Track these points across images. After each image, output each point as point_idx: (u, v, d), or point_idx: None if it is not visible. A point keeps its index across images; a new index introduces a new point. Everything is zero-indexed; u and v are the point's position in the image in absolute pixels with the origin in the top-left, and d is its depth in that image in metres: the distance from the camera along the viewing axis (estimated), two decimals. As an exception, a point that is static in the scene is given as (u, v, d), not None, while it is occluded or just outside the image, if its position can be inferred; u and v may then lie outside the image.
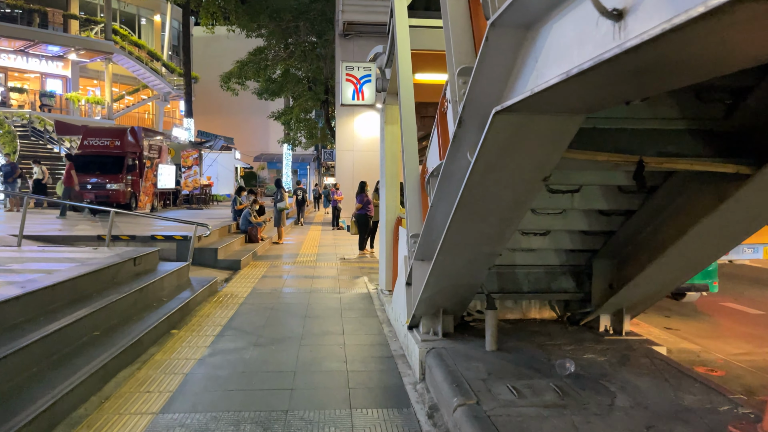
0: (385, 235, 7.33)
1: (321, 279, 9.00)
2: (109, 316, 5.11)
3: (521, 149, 2.65)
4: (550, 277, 4.88)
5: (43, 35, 26.83)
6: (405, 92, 5.56)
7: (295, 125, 31.06)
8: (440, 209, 3.83)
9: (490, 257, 3.69)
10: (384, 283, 7.34)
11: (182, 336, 5.47)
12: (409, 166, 5.18)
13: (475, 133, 3.06)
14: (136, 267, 6.83)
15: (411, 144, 5.31)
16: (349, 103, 7.21)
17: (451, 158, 3.35)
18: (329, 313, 6.60)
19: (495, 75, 2.68)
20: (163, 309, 5.93)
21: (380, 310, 6.81)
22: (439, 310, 4.49)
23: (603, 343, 4.42)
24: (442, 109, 4.28)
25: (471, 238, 3.48)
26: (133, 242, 9.58)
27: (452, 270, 3.86)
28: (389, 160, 7.27)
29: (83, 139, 16.94)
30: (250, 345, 5.22)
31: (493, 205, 3.11)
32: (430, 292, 4.15)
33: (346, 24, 19.83)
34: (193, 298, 6.77)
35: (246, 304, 7.01)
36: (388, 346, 5.25)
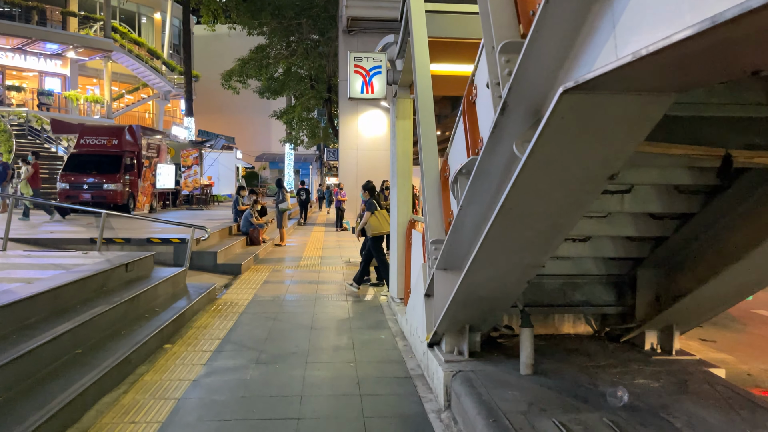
0: (396, 239, 6.80)
1: (326, 284, 8.47)
2: (94, 331, 4.59)
3: (589, 139, 2.12)
4: (588, 288, 4.35)
5: (40, 32, 26.35)
6: (422, 82, 5.03)
7: (297, 124, 30.57)
8: (471, 212, 3.31)
9: (531, 269, 3.16)
10: (395, 291, 6.81)
11: (176, 352, 4.94)
12: (427, 164, 4.65)
13: (522, 121, 2.54)
14: (128, 273, 6.31)
15: (429, 139, 4.78)
16: (357, 97, 6.66)
17: (488, 153, 2.83)
18: (337, 324, 6.07)
19: (554, 47, 2.16)
20: (155, 321, 5.41)
21: (392, 321, 6.28)
22: (465, 327, 3.96)
23: (652, 364, 3.88)
24: (470, 98, 3.75)
25: (512, 247, 2.95)
26: (127, 245, 9.06)
27: (486, 283, 3.33)
28: (401, 158, 6.74)
29: (79, 138, 16.44)
30: (251, 363, 4.69)
31: (543, 209, 2.58)
32: (457, 307, 3.62)
33: (350, 20, 19.32)
34: (190, 307, 6.24)
35: (247, 314, 6.48)
36: (404, 364, 4.72)
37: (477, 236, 3.45)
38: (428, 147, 4.71)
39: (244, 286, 8.24)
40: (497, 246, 2.90)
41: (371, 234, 7.89)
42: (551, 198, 2.50)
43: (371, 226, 7.88)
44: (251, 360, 4.77)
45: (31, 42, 26.67)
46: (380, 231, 7.93)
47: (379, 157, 20.09)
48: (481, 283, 3.33)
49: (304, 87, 29.37)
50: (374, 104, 20.14)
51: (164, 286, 6.56)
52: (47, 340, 3.93)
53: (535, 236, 2.81)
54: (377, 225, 7.90)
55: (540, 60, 2.24)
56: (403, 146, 6.75)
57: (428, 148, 4.71)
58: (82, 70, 30.09)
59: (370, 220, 7.90)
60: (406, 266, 6.65)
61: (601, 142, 2.12)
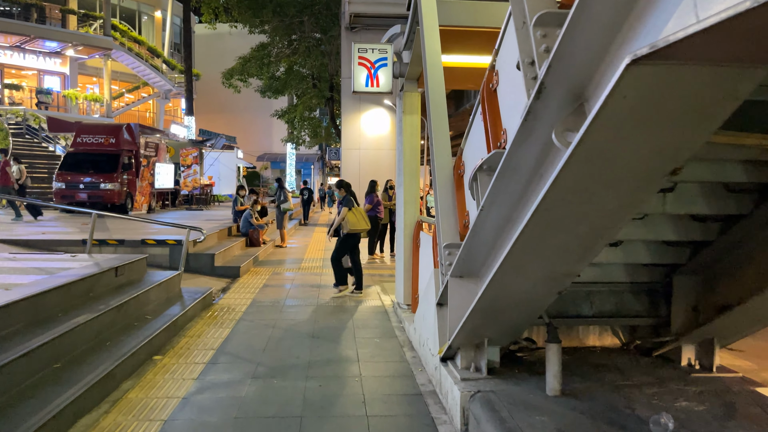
0: (403, 242, 6.40)
1: (329, 289, 8.08)
2: (76, 343, 4.21)
3: (656, 123, 1.73)
4: (617, 297, 3.95)
5: (39, 30, 26.02)
6: (433, 72, 4.64)
7: (299, 124, 30.23)
8: (495, 214, 2.91)
9: (565, 279, 2.77)
10: (402, 297, 6.42)
11: (166, 364, 4.56)
12: (439, 161, 4.26)
13: (562, 105, 2.14)
14: (117, 278, 5.93)
15: (441, 134, 4.39)
16: (362, 91, 6.28)
17: (518, 145, 2.43)
18: (340, 333, 5.68)
19: (607, 13, 1.77)
20: (145, 330, 5.02)
21: (399, 329, 5.89)
22: (484, 341, 3.57)
23: (693, 383, 3.48)
24: (490, 86, 3.36)
25: (545, 254, 2.56)
26: (121, 247, 8.69)
27: (512, 294, 2.94)
28: (408, 155, 6.35)
29: (76, 137, 16.09)
30: (247, 377, 4.30)
31: (586, 210, 2.19)
32: (476, 319, 3.23)
33: (353, 16, 18.96)
34: (184, 313, 5.86)
35: (244, 321, 6.10)
36: (413, 379, 4.33)
37: (501, 241, 3.06)
38: (440, 142, 4.32)
39: (243, 290, 7.85)
40: (528, 253, 2.51)
41: (348, 230, 7.48)
42: (598, 197, 2.11)
43: (349, 222, 7.47)
44: (247, 374, 4.38)
45: (29, 40, 26.34)
46: (358, 228, 7.54)
47: (383, 156, 19.71)
48: (506, 294, 2.94)
49: (305, 86, 29.01)
50: (377, 102, 19.77)
51: (157, 291, 6.17)
52: (21, 354, 3.55)
53: (573, 242, 2.41)
54: (355, 221, 7.50)
55: (588, 30, 1.85)
56: (410, 143, 6.35)
57: (440, 144, 4.32)
58: (81, 69, 29.77)
59: (347, 216, 7.49)
60: (414, 270, 6.26)
61: (670, 128, 1.73)
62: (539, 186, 2.60)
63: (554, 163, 2.39)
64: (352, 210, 7.54)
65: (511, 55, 2.96)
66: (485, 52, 5.74)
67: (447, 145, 4.33)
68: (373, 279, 9.05)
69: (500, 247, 3.08)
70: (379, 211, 11.24)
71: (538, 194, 2.58)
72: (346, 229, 7.50)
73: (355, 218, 7.53)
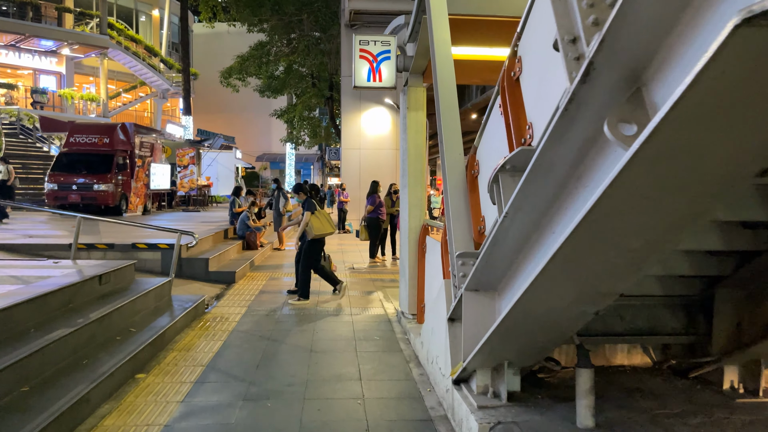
0: (407, 247, 6.00)
1: (328, 295, 7.68)
2: (49, 362, 3.80)
3: (758, 109, 1.32)
4: (650, 312, 3.55)
5: (34, 29, 25.61)
6: (442, 62, 4.24)
7: (298, 123, 29.84)
8: (520, 221, 2.51)
9: (605, 298, 2.37)
10: (406, 306, 6.01)
11: (149, 384, 4.15)
12: (450, 161, 3.86)
13: (614, 90, 1.74)
14: (102, 286, 5.53)
15: (452, 130, 3.99)
16: (363, 86, 5.88)
17: (556, 139, 2.03)
18: (340, 346, 5.27)
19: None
20: (129, 344, 4.61)
21: (403, 341, 5.48)
22: (504, 362, 3.16)
23: (740, 410, 3.08)
24: (511, 75, 2.95)
25: (587, 271, 2.16)
26: (110, 252, 8.28)
27: (541, 314, 2.54)
28: (413, 155, 5.95)
29: (69, 136, 15.68)
30: (238, 399, 3.90)
31: (646, 221, 1.78)
32: (498, 340, 2.82)
33: (353, 13, 18.57)
34: (172, 325, 5.45)
35: (238, 332, 5.69)
36: (421, 401, 3.92)
37: (527, 251, 2.66)
38: (451, 140, 3.92)
39: (238, 297, 7.45)
40: (566, 269, 2.11)
41: (313, 236, 7.04)
42: (663, 206, 1.70)
43: (313, 227, 7.02)
44: (238, 395, 3.97)
45: (24, 38, 25.94)
46: (323, 232, 7.11)
47: (383, 156, 19.32)
48: (535, 314, 2.53)
49: (305, 85, 28.63)
50: (378, 101, 19.37)
51: (144, 300, 5.77)
52: (-19, 378, 3.15)
53: (621, 258, 2.01)
54: (319, 226, 7.06)
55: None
56: (416, 141, 5.95)
57: (451, 142, 3.91)
58: (78, 68, 29.37)
59: (311, 221, 7.04)
60: (419, 278, 5.85)
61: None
62: (577, 189, 2.20)
63: (598, 161, 1.99)
64: (315, 214, 7.10)
65: (540, 37, 2.56)
66: (498, 43, 5.34)
67: (458, 143, 3.93)
68: (376, 285, 8.64)
69: (527, 259, 2.68)
70: (381, 212, 10.85)
71: (575, 198, 2.18)
72: (311, 235, 7.07)
73: (320, 222, 7.09)
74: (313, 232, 7.04)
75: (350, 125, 19.54)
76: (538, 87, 2.62)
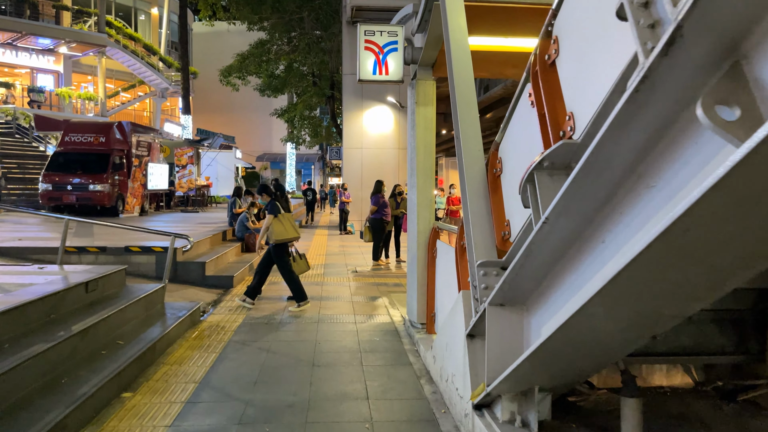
0: (416, 251, 5.61)
1: (331, 301, 7.30)
2: (23, 382, 3.42)
3: None
4: (696, 328, 3.16)
5: (30, 26, 25.26)
6: (458, 51, 3.86)
7: (298, 123, 29.52)
8: (562, 228, 2.13)
9: (670, 321, 1.99)
10: (415, 314, 5.63)
11: (136, 404, 3.77)
12: (468, 158, 3.48)
13: (706, 66, 1.36)
14: (89, 294, 5.15)
15: (470, 125, 3.60)
16: (368, 79, 5.50)
17: (616, 129, 1.65)
18: (345, 359, 4.89)
19: None
20: (115, 359, 4.23)
21: (412, 353, 5.10)
22: (534, 387, 2.78)
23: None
24: (545, 59, 2.57)
25: (658, 291, 1.77)
26: (102, 255, 7.91)
27: (589, 338, 2.16)
28: (422, 152, 5.56)
29: (64, 135, 15.31)
30: (233, 422, 3.52)
31: (742, 231, 1.40)
32: (531, 366, 2.44)
33: (355, 9, 18.18)
34: (164, 335, 5.07)
35: (234, 343, 5.31)
36: (436, 425, 3.54)
37: (566, 263, 2.28)
38: (469, 136, 3.54)
39: (235, 303, 7.06)
40: (631, 288, 1.72)
41: (275, 240, 6.63)
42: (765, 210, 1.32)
43: (275, 232, 6.61)
44: (233, 418, 3.59)
45: (21, 37, 25.58)
46: (285, 237, 6.70)
47: (386, 155, 18.95)
48: (582, 338, 2.15)
49: (306, 84, 28.28)
50: (380, 99, 18.98)
51: (135, 308, 5.39)
52: (-60, 405, 2.77)
53: (703, 276, 1.63)
54: (282, 231, 6.65)
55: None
56: (424, 138, 5.57)
57: (469, 138, 3.53)
58: (76, 67, 29.00)
59: (273, 225, 6.63)
60: (429, 284, 5.48)
61: None
62: (636, 190, 1.82)
63: (676, 154, 1.61)
64: (278, 217, 6.70)
65: (584, 11, 2.18)
66: (516, 32, 4.96)
67: (477, 140, 3.54)
68: (380, 289, 8.26)
69: (566, 273, 2.30)
70: (385, 213, 10.47)
71: (635, 201, 1.80)
72: (272, 239, 6.66)
73: (282, 227, 6.68)
74: (274, 237, 6.64)
75: (352, 124, 19.16)
76: (581, 70, 2.24)
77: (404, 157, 18.84)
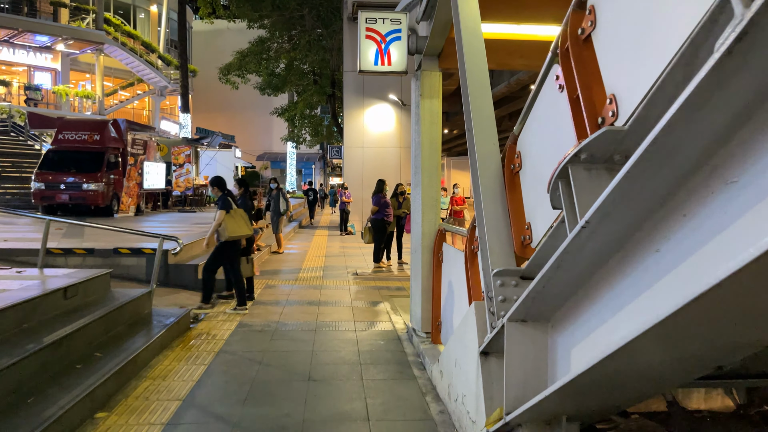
0: (420, 255, 5.23)
1: (330, 306, 6.92)
2: (-20, 403, 3.05)
3: None
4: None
5: (27, 23, 24.88)
6: (469, 36, 3.48)
7: (299, 122, 29.15)
8: (606, 233, 1.75)
9: (746, 349, 1.61)
10: (419, 322, 5.25)
11: (110, 427, 3.39)
12: (482, 152, 3.10)
13: None
14: (67, 301, 4.78)
15: (484, 116, 3.22)
16: (370, 70, 5.13)
17: (692, 111, 1.26)
18: (344, 372, 4.50)
19: None
20: (90, 374, 3.85)
21: (416, 365, 4.71)
22: (561, 417, 2.39)
23: None
24: (578, 34, 2.18)
25: (742, 314, 1.39)
26: (90, 257, 7.54)
27: (641, 369, 1.78)
28: (427, 149, 5.18)
29: (58, 133, 14.95)
30: (218, 449, 3.14)
31: None
32: (560, 396, 2.05)
33: (356, 5, 17.80)
34: (148, 346, 4.69)
35: (225, 354, 4.93)
36: (445, 451, 3.16)
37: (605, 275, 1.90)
38: (483, 128, 3.15)
39: (230, 308, 6.67)
40: (714, 315, 1.34)
41: (227, 237, 6.24)
42: None
43: (227, 228, 6.22)
44: (218, 443, 3.21)
45: (18, 34, 25.21)
46: (238, 234, 6.32)
47: (388, 154, 18.59)
48: (632, 368, 1.77)
49: (306, 82, 27.91)
50: (382, 97, 18.61)
51: (118, 315, 5.01)
52: None
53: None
54: (234, 227, 6.27)
55: None
56: (430, 133, 5.19)
57: (483, 130, 3.15)
58: (74, 65, 28.64)
59: (225, 221, 6.23)
60: (434, 291, 5.10)
61: None
62: (709, 187, 1.43)
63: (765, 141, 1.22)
64: (231, 213, 6.31)
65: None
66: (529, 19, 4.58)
67: (492, 132, 3.16)
68: (381, 293, 7.88)
69: (605, 287, 1.92)
70: (387, 213, 10.09)
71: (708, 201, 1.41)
72: (224, 236, 6.27)
73: (235, 223, 6.30)
74: (226, 234, 6.23)
75: (353, 122, 18.79)
76: (625, 43, 1.85)
77: (406, 156, 18.46)
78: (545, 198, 2.50)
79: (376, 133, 18.64)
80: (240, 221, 6.41)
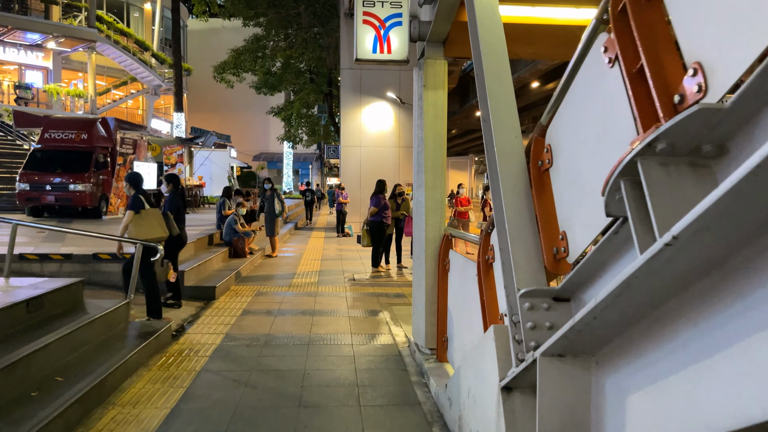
0: (424, 263, 4.73)
1: (325, 317, 6.42)
2: None
3: None
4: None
5: (17, 21, 24.30)
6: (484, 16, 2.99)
7: (295, 121, 28.68)
8: (695, 253, 1.25)
9: None
10: (422, 338, 4.75)
11: (64, 470, 2.88)
12: (503, 146, 2.60)
13: None
14: (30, 315, 4.27)
15: (505, 106, 2.73)
16: (367, 58, 4.65)
17: None
18: (339, 396, 4.00)
19: None
20: (45, 404, 3.34)
21: (420, 386, 4.22)
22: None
23: None
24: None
25: None
26: (68, 263, 7.03)
27: None
28: (431, 145, 4.69)
29: (44, 132, 14.39)
30: (188, 500, 2.64)
31: None
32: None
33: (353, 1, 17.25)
34: (121, 365, 4.18)
35: (207, 373, 4.43)
36: (458, 501, 2.66)
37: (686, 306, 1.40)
38: (503, 117, 2.66)
39: (215, 319, 6.18)
40: None
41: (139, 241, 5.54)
42: None
43: (132, 231, 5.58)
44: (189, 491, 2.71)
45: (8, 31, 24.63)
46: (147, 237, 5.60)
47: (386, 154, 18.11)
48: None
49: (303, 81, 27.41)
50: (380, 95, 18.13)
51: (89, 331, 4.50)
52: None
53: None
54: (141, 230, 5.60)
55: None
56: (434, 127, 4.69)
57: (503, 120, 2.66)
58: (66, 63, 28.08)
59: (131, 223, 5.60)
60: (440, 303, 4.60)
61: None
62: None
63: None
64: (141, 213, 5.65)
65: None
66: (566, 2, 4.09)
67: (514, 122, 2.67)
68: (380, 301, 7.38)
69: (689, 322, 1.42)
70: (386, 215, 9.59)
71: None
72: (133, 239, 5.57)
73: (144, 224, 5.65)
74: (133, 237, 5.54)
75: (350, 121, 18.32)
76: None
77: (405, 156, 17.97)
78: (586, 200, 2.01)
79: (373, 132, 18.17)
80: (152, 222, 5.74)
